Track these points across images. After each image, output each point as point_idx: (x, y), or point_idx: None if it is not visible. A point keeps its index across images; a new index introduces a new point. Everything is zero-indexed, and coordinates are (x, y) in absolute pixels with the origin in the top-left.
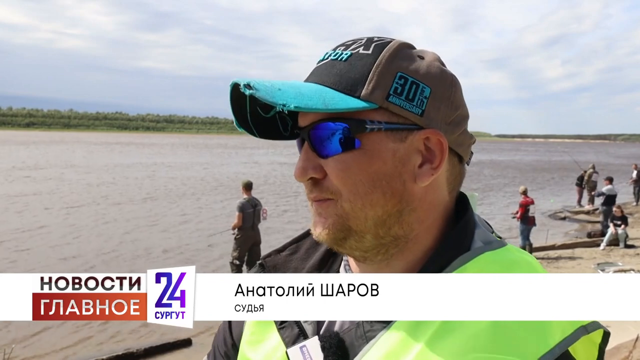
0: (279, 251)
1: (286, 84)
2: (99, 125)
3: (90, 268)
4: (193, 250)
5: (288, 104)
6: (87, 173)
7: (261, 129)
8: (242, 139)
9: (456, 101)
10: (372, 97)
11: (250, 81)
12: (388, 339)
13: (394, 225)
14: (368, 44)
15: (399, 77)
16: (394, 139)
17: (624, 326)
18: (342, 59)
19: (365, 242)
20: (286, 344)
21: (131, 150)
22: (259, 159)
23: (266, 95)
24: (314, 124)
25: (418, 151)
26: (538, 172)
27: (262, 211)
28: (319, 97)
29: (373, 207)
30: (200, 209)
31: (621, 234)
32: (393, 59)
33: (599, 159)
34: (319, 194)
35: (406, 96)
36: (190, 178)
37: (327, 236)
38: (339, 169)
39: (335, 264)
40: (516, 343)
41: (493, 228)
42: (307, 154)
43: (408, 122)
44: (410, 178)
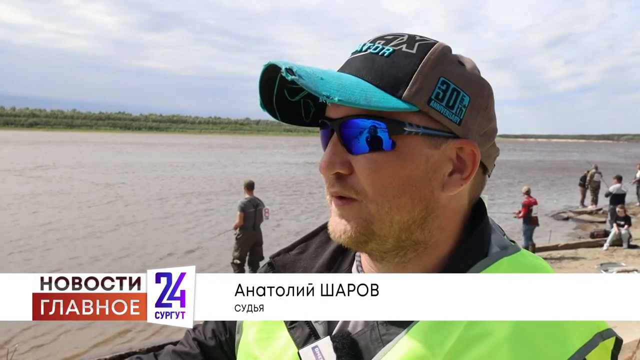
0: (288, 250)
1: (327, 73)
2: (102, 126)
3: (105, 266)
4: (208, 249)
5: (332, 96)
6: (100, 173)
7: (283, 113)
8: (245, 139)
9: (491, 113)
10: (414, 100)
11: (292, 66)
12: (406, 343)
13: (417, 231)
14: (411, 43)
15: (442, 82)
16: (429, 144)
17: (627, 327)
18: (383, 54)
19: (386, 245)
20: (297, 344)
21: (138, 150)
22: (267, 159)
23: (310, 84)
24: (348, 118)
25: (450, 159)
26: (544, 172)
27: (264, 211)
28: (360, 92)
29: (400, 212)
30: (211, 210)
31: (624, 234)
32: (437, 62)
33: (607, 158)
34: (341, 190)
35: (447, 103)
36: (203, 178)
37: (349, 239)
38: (370, 168)
39: (344, 263)
40: (538, 351)
41: (505, 231)
42: (336, 147)
43: (445, 129)
44: (439, 186)
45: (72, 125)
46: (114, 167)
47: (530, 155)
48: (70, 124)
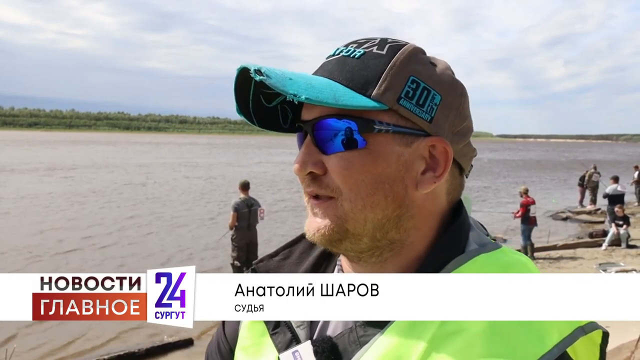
0: (272, 256)
1: (296, 74)
2: (100, 126)
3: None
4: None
5: (299, 94)
6: (123, 174)
7: (261, 118)
8: (248, 138)
9: (464, 112)
10: (383, 98)
11: (261, 67)
12: (382, 344)
13: (392, 230)
14: (382, 44)
15: (412, 81)
16: (400, 142)
17: (626, 327)
18: (354, 56)
19: (361, 245)
20: (279, 349)
21: (151, 150)
22: (274, 159)
23: (277, 83)
24: (320, 119)
25: (422, 158)
26: (550, 170)
27: (259, 211)
28: (329, 91)
29: (374, 210)
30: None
31: (623, 234)
32: (407, 62)
33: (614, 157)
34: (317, 189)
35: (417, 101)
36: (225, 177)
37: (322, 237)
38: (342, 166)
39: (328, 269)
40: (514, 346)
41: (488, 230)
42: (309, 148)
43: (416, 127)
44: (412, 184)
45: (71, 126)
46: (135, 167)
47: (535, 154)
48: (69, 124)
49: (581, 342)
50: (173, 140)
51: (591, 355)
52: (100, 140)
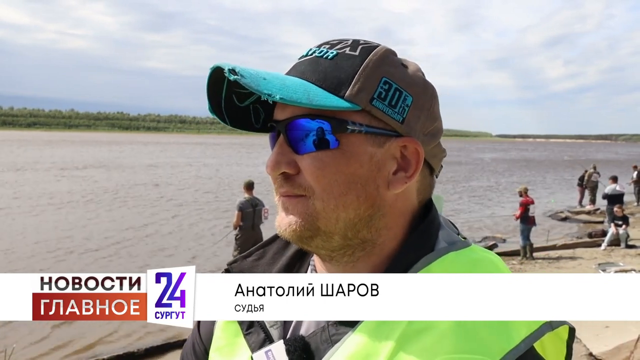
0: (245, 257)
1: (270, 74)
2: (100, 126)
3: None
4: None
5: (273, 94)
6: (135, 174)
7: (233, 118)
8: (249, 138)
9: (434, 113)
10: (356, 99)
11: (235, 67)
12: (352, 342)
13: (363, 229)
14: (355, 46)
15: (384, 82)
16: (372, 143)
17: (625, 327)
18: (327, 57)
19: (332, 243)
20: (252, 349)
21: (156, 150)
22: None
23: (251, 83)
24: (293, 119)
25: (394, 158)
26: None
27: (263, 211)
28: (303, 92)
29: (346, 209)
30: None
31: (622, 234)
32: (380, 63)
33: (616, 157)
34: (289, 190)
35: (389, 102)
36: (229, 177)
37: (294, 233)
38: (316, 166)
39: (302, 269)
40: (481, 341)
41: (459, 229)
42: (282, 148)
43: (388, 127)
44: (384, 184)
45: (70, 125)
46: (145, 167)
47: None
48: (68, 124)
49: (548, 338)
50: (175, 140)
51: (558, 351)
52: (102, 140)
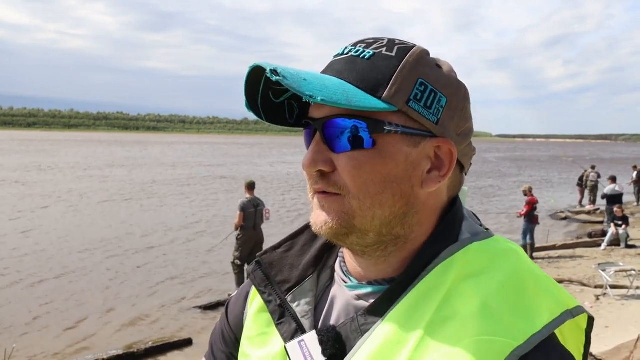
0: (275, 248)
1: (310, 75)
2: (99, 126)
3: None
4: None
5: (315, 96)
6: (158, 173)
7: (269, 114)
8: (248, 138)
9: (467, 113)
10: (393, 100)
11: (277, 67)
12: (381, 331)
13: (397, 226)
14: (391, 46)
15: (420, 84)
16: (408, 143)
17: (625, 327)
18: (364, 56)
19: (367, 239)
20: (285, 339)
21: (166, 150)
22: (289, 158)
23: (293, 84)
24: (330, 118)
25: (428, 158)
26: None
27: (265, 211)
28: (342, 92)
29: (381, 207)
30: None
31: (622, 234)
32: (416, 64)
33: (618, 157)
34: (325, 187)
35: (425, 103)
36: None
37: (330, 231)
38: (352, 166)
39: (330, 260)
40: (505, 325)
41: (481, 221)
42: (319, 146)
43: (423, 128)
44: (418, 183)
45: (70, 125)
46: (166, 166)
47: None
48: (68, 124)
49: (568, 325)
50: (177, 140)
51: (577, 339)
52: (106, 140)
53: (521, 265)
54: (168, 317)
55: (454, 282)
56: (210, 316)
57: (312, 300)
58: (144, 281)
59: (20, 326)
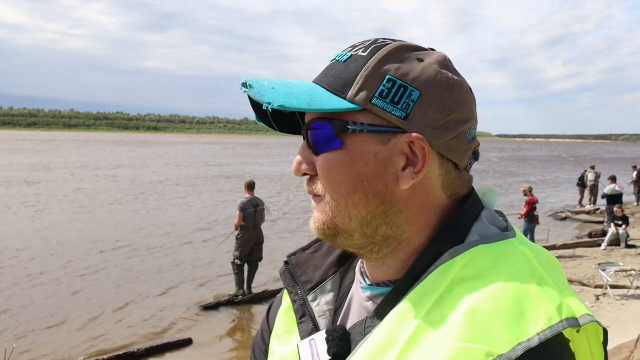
0: (304, 249)
1: (283, 84)
2: (100, 126)
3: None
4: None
5: (273, 103)
6: (166, 174)
7: (281, 124)
8: (248, 138)
9: (449, 105)
10: (356, 99)
11: (249, 80)
12: (376, 333)
13: (381, 226)
14: (369, 46)
15: (387, 80)
16: (376, 141)
17: (624, 326)
18: (342, 60)
19: (355, 240)
20: (302, 337)
21: (169, 150)
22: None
23: (257, 94)
24: (311, 122)
25: (403, 154)
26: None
27: (266, 210)
28: (306, 97)
29: (356, 207)
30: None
31: (622, 234)
32: (384, 61)
33: (620, 156)
34: (310, 190)
35: (392, 99)
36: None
37: (317, 231)
38: (325, 167)
39: (355, 261)
40: (490, 331)
41: (508, 222)
42: (304, 150)
43: (390, 125)
44: (393, 180)
45: (70, 125)
46: (172, 167)
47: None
48: (68, 123)
49: (583, 335)
50: (178, 140)
51: (598, 351)
52: (108, 139)
53: (526, 269)
54: (168, 317)
55: (449, 285)
56: (210, 316)
57: (333, 300)
58: (143, 281)
59: (20, 327)
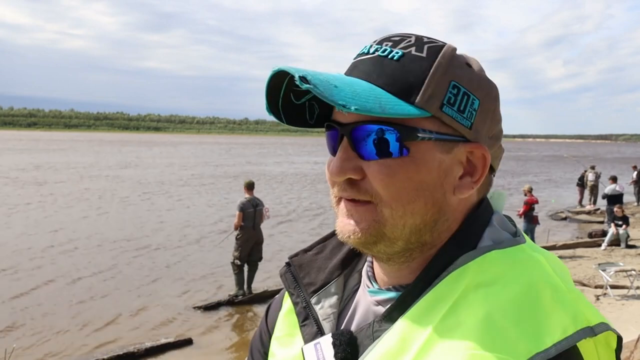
0: (306, 251)
1: (339, 80)
2: (100, 125)
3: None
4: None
5: (348, 105)
6: (172, 173)
7: (289, 115)
8: (248, 138)
9: (498, 115)
10: (427, 105)
11: (306, 74)
12: (388, 338)
13: (426, 234)
14: (420, 45)
15: (453, 87)
16: (441, 149)
17: (624, 326)
18: (392, 57)
19: (395, 247)
20: (305, 341)
21: (173, 151)
22: (295, 159)
23: (325, 92)
24: (359, 124)
25: (460, 163)
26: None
27: (265, 210)
28: (374, 99)
29: (413, 216)
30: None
31: (622, 234)
32: (448, 66)
33: (623, 156)
34: (354, 194)
35: (458, 107)
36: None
37: (358, 240)
38: (385, 173)
39: (360, 264)
40: (507, 341)
41: (517, 227)
42: (347, 153)
43: (457, 134)
44: (450, 189)
45: (70, 125)
46: (180, 167)
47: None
48: (68, 123)
49: (591, 343)
50: (180, 139)
51: (594, 356)
52: (110, 139)
53: (540, 276)
54: (168, 317)
55: (464, 291)
56: (211, 316)
57: (337, 303)
58: (143, 281)
59: (20, 327)
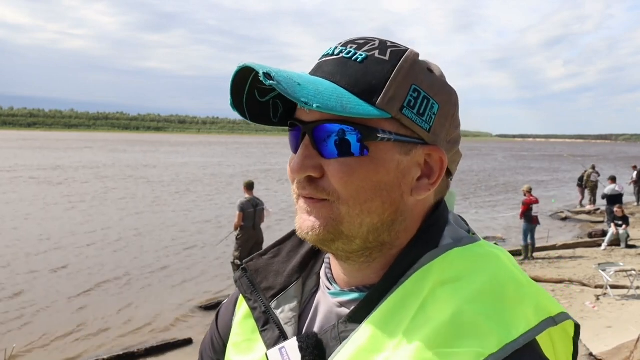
0: (261, 255)
1: (303, 78)
2: (100, 125)
3: None
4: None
5: (310, 103)
6: (178, 174)
7: (253, 113)
8: (248, 138)
9: (457, 120)
10: (387, 107)
11: (270, 70)
12: (357, 338)
13: (384, 233)
14: (383, 49)
15: (413, 90)
16: (399, 151)
17: (624, 326)
18: (356, 59)
19: (353, 246)
20: (267, 346)
21: (178, 151)
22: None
23: (288, 89)
24: (321, 123)
25: (418, 165)
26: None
27: (265, 210)
28: (336, 98)
29: (370, 215)
30: None
31: (622, 234)
32: (410, 70)
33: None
34: (313, 192)
35: (418, 110)
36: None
37: (316, 237)
38: (344, 172)
39: (316, 266)
40: (477, 335)
41: (469, 226)
42: (308, 151)
43: (416, 136)
44: (408, 190)
45: (70, 125)
46: (189, 167)
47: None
48: (68, 123)
49: (556, 332)
50: (181, 140)
51: (566, 347)
52: (112, 139)
53: (502, 270)
54: (168, 316)
55: (431, 288)
56: (211, 316)
57: (297, 306)
58: (143, 282)
59: (20, 327)
